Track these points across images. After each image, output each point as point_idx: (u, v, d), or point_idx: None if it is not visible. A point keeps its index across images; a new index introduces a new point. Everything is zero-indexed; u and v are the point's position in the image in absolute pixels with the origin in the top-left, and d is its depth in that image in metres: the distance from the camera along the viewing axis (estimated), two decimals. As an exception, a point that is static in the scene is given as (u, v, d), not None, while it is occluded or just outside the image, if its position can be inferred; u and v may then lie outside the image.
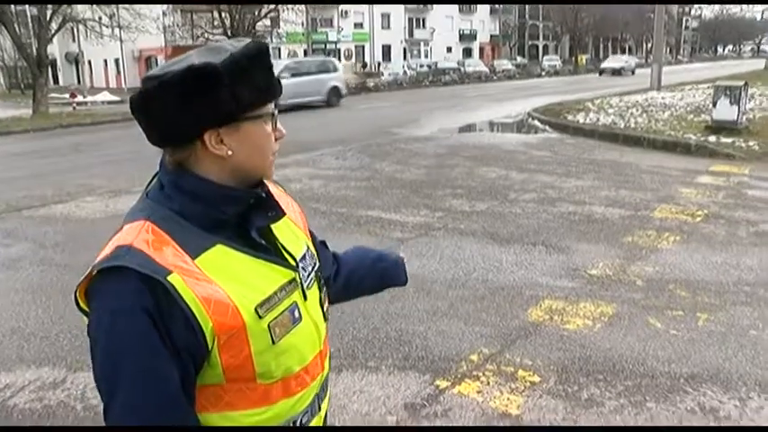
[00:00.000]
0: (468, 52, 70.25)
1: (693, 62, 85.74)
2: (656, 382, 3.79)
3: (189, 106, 1.14)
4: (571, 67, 62.49)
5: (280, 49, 48.48)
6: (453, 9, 69.52)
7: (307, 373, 1.32)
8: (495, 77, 48.29)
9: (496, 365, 4.01)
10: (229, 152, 1.19)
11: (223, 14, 29.58)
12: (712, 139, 12.27)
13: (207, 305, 1.12)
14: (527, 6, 79.93)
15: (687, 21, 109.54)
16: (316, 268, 1.42)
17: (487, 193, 8.92)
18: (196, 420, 1.19)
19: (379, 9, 60.91)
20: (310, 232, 1.52)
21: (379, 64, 56.01)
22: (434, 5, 65.82)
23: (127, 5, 27.42)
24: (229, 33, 29.58)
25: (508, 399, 3.63)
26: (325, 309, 1.44)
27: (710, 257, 6.01)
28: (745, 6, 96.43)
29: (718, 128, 12.73)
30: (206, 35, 32.79)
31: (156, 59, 45.50)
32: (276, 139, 1.27)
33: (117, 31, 27.69)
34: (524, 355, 4.13)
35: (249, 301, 1.18)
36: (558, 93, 27.31)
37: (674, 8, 78.66)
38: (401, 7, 62.79)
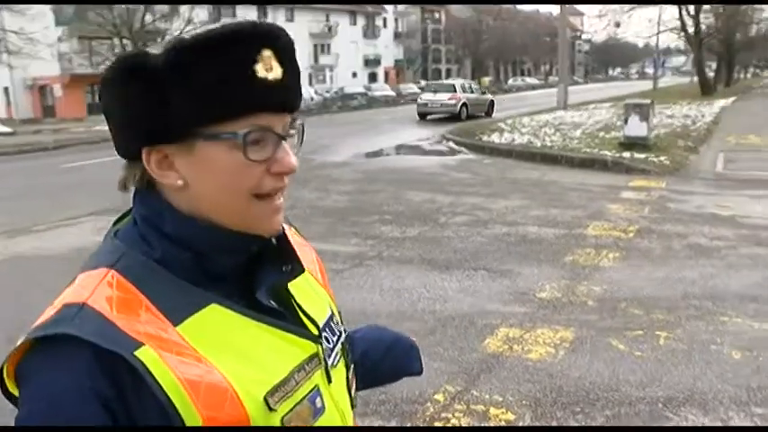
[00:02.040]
0: (373, 77, 70.77)
1: (588, 83, 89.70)
2: (635, 409, 3.59)
3: (117, 108, 0.86)
4: (475, 89, 63.91)
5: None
6: (357, 35, 70.04)
7: None
8: (402, 101, 48.68)
9: (465, 404, 3.72)
10: (179, 182, 0.84)
11: (124, 41, 28.46)
12: (626, 155, 12.57)
13: (193, 391, 0.77)
14: (429, 30, 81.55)
15: (579, 44, 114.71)
16: (342, 339, 1.04)
17: (416, 217, 8.69)
18: None
19: (283, 36, 60.64)
20: None
21: (285, 91, 55.65)
22: (338, 31, 66.15)
23: (16, 29, 25.97)
24: (131, 62, 28.54)
25: (486, 442, 3.34)
26: (353, 393, 1.07)
27: (653, 273, 5.97)
28: (629, 32, 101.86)
29: (631, 144, 13.07)
30: (107, 63, 31.53)
31: (52, 88, 43.39)
32: (272, 173, 0.86)
33: (5, 56, 26.13)
34: (492, 391, 3.86)
35: (256, 385, 0.83)
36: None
37: (568, 32, 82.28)
38: (306, 33, 62.68)
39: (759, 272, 5.96)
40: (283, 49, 0.85)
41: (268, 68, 0.83)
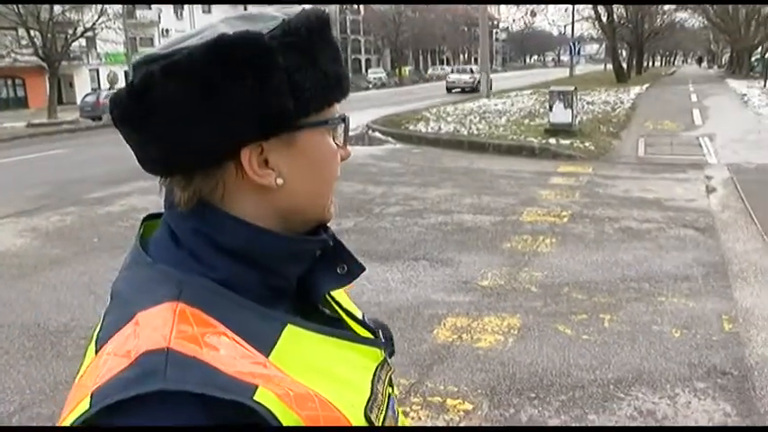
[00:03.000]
0: (293, 68, 70.15)
1: (507, 71, 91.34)
2: (588, 392, 3.65)
3: (217, 105, 0.69)
4: (396, 79, 64.20)
5: (98, 71, 45.64)
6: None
7: None
8: (324, 92, 48.43)
9: (421, 397, 3.69)
10: (279, 180, 0.74)
11: (32, 32, 27.06)
12: (552, 141, 12.83)
13: (315, 424, 0.67)
14: (348, 21, 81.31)
15: (497, 33, 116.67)
16: (386, 336, 0.97)
17: (350, 208, 8.60)
18: None
19: (200, 26, 59.25)
20: None
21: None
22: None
23: None
24: (40, 53, 27.17)
25: (446, 433, 3.33)
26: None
27: (590, 257, 6.09)
28: (551, 20, 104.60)
29: (556, 131, 13.36)
30: (13, 55, 29.93)
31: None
32: (343, 158, 0.82)
33: None
34: (447, 382, 3.85)
35: (356, 406, 0.74)
36: (390, 104, 27.68)
37: (486, 21, 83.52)
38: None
39: (688, 252, 6.17)
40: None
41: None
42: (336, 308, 0.88)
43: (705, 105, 22.06)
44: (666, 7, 51.19)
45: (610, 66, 46.81)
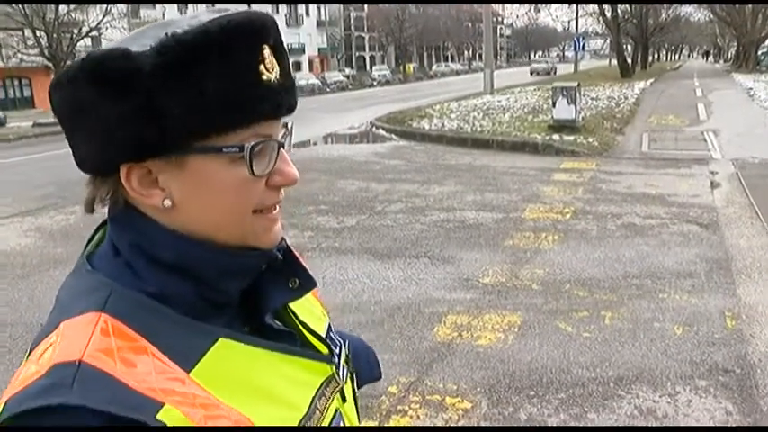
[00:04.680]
0: (297, 66, 70.02)
1: (512, 67, 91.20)
2: (588, 390, 3.63)
3: (84, 121, 0.70)
4: (401, 76, 64.11)
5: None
6: (280, 23, 68.83)
7: None
8: (328, 89, 48.37)
9: (420, 395, 3.68)
10: (166, 202, 0.71)
11: (38, 33, 27.13)
12: (556, 137, 12.78)
13: None
14: (352, 18, 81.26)
15: (501, 29, 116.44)
16: (345, 349, 0.94)
17: (353, 206, 8.60)
18: None
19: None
20: None
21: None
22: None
23: None
24: (46, 54, 27.22)
25: None
26: (358, 406, 0.98)
27: (592, 254, 6.06)
28: (555, 16, 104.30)
29: (559, 127, 13.31)
30: (19, 56, 29.99)
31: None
32: (272, 186, 0.76)
33: None
34: (446, 380, 3.83)
35: (285, 421, 0.73)
36: (394, 101, 27.69)
37: (490, 18, 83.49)
38: (227, 23, 61.66)
39: (691, 248, 6.13)
40: (279, 44, 0.76)
41: (270, 68, 0.73)
42: (294, 321, 0.85)
43: (710, 100, 21.94)
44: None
45: (615, 61, 46.61)
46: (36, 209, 9.05)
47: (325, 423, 0.79)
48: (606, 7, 38.68)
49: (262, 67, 0.71)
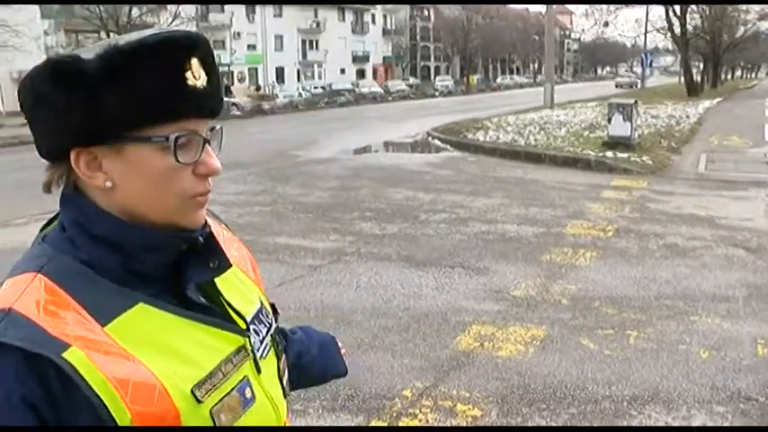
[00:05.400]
0: (361, 73, 70.69)
1: (577, 82, 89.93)
2: (599, 407, 3.62)
3: (41, 113, 0.87)
4: (463, 87, 64.00)
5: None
6: (346, 31, 69.92)
7: None
8: (390, 98, 48.65)
9: (433, 400, 3.73)
10: (107, 183, 0.87)
11: (111, 35, 28.28)
12: (610, 154, 12.61)
13: (122, 389, 0.79)
14: (418, 28, 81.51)
15: (568, 43, 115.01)
16: (272, 330, 1.08)
17: (397, 214, 8.69)
18: None
19: (272, 30, 60.38)
20: None
21: (273, 86, 55.46)
22: (327, 27, 66.00)
23: (0, 21, 25.75)
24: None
25: (451, 438, 3.36)
26: (284, 382, 1.09)
27: (629, 272, 6.00)
28: (619, 32, 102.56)
29: (614, 143, 13.12)
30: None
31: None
32: (198, 174, 0.90)
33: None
34: (460, 387, 3.88)
35: (183, 380, 0.85)
36: (454, 112, 27.69)
37: (557, 31, 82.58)
38: (294, 29, 62.52)
39: (733, 273, 6.00)
40: (208, 57, 0.90)
41: (196, 75, 0.87)
42: (219, 298, 0.98)
43: (779, 122, 21.27)
44: (749, 16, 49.40)
45: (684, 79, 45.55)
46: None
47: (228, 386, 0.91)
48: (675, 23, 37.81)
49: (188, 74, 0.86)
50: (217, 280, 0.99)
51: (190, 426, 0.85)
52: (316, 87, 51.81)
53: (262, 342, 1.02)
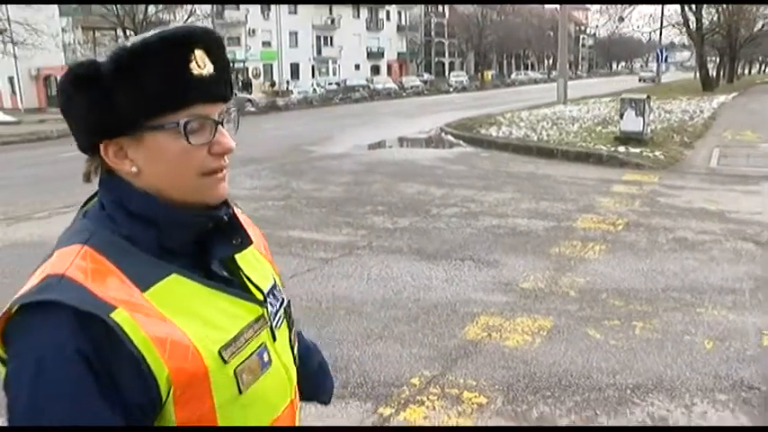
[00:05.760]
0: (376, 69, 70.77)
1: (592, 77, 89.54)
2: (603, 395, 3.70)
3: (71, 111, 0.99)
4: (478, 83, 63.88)
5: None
6: (361, 27, 70.02)
7: (278, 427, 1.09)
8: (404, 94, 48.73)
9: (440, 388, 3.83)
10: (133, 168, 0.99)
11: (128, 32, 28.53)
12: (621, 149, 12.63)
13: (161, 347, 0.90)
14: (433, 24, 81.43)
15: (583, 39, 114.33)
16: (285, 304, 1.19)
17: (409, 208, 8.78)
18: None
19: (286, 27, 60.60)
20: None
21: (287, 82, 55.64)
22: (341, 23, 66.08)
23: (20, 20, 26.08)
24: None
25: (457, 422, 3.45)
26: (295, 351, 1.20)
27: (637, 265, 6.06)
28: (634, 27, 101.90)
29: (626, 138, 13.14)
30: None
31: (56, 78, 43.38)
32: (213, 154, 1.01)
33: (10, 46, 26.23)
34: (467, 376, 3.97)
35: (212, 342, 0.96)
36: (467, 108, 27.73)
37: (572, 26, 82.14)
38: (309, 25, 62.70)
39: (741, 266, 6.04)
40: (213, 47, 1.00)
41: (201, 65, 0.97)
42: (239, 272, 1.10)
43: (795, 116, 21.14)
44: (768, 11, 48.95)
45: (699, 74, 45.22)
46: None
47: (249, 350, 1.02)
48: (690, 18, 37.56)
49: (192, 64, 0.96)
50: (237, 257, 1.11)
51: (227, 426, 0.98)
52: (330, 83, 51.95)
53: (276, 314, 1.13)
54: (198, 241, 1.04)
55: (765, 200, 8.99)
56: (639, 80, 64.96)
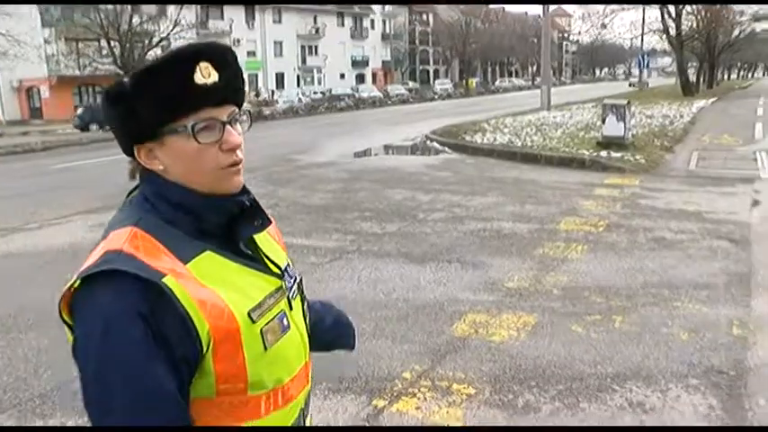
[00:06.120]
0: (361, 78, 71.05)
1: (575, 83, 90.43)
2: (585, 383, 3.92)
3: (111, 122, 1.21)
4: (462, 90, 64.33)
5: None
6: (345, 35, 70.32)
7: (294, 386, 1.30)
8: (389, 102, 49.00)
9: (431, 381, 4.03)
10: (161, 167, 1.19)
11: (112, 43, 28.60)
12: (604, 154, 12.93)
13: (203, 307, 1.10)
14: (417, 32, 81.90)
15: (567, 45, 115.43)
16: (298, 280, 1.40)
17: (396, 214, 8.99)
18: None
19: (271, 37, 60.75)
20: None
21: (272, 92, 55.79)
22: (326, 32, 66.36)
23: (2, 31, 26.08)
24: (119, 62, 28.64)
25: (447, 412, 3.66)
26: (307, 321, 1.42)
27: (617, 264, 6.31)
28: (616, 34, 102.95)
29: (608, 143, 13.44)
30: (94, 65, 31.56)
31: (39, 90, 43.33)
32: (224, 150, 1.19)
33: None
34: (456, 369, 4.18)
35: (242, 305, 1.16)
36: (452, 115, 28.00)
37: (555, 33, 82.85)
38: (293, 35, 62.89)
39: (716, 262, 6.31)
40: (219, 59, 1.20)
41: (205, 75, 1.17)
42: (259, 251, 1.31)
43: (771, 120, 21.59)
44: (744, 17, 49.76)
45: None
46: (100, 207, 9.74)
47: (272, 314, 1.23)
48: (670, 25, 38.16)
49: (197, 75, 1.15)
50: (257, 240, 1.31)
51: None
52: (315, 93, 52.12)
53: (291, 288, 1.34)
54: (227, 224, 1.24)
55: (740, 200, 9.28)
56: (630, 85, 65.94)
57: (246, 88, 1.45)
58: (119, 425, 1.05)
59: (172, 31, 30.08)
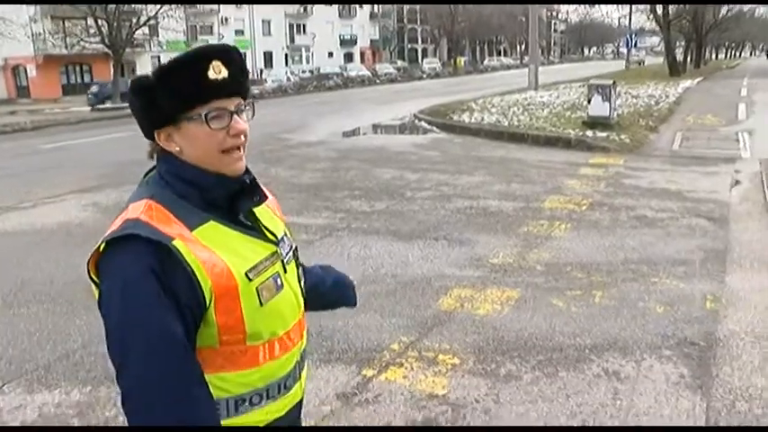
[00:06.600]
0: (349, 57, 70.82)
1: (564, 63, 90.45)
2: (564, 354, 4.12)
3: (136, 110, 1.42)
4: (451, 69, 64.26)
5: (159, 58, 47.23)
6: (333, 14, 69.98)
7: (289, 338, 1.52)
8: (377, 81, 48.93)
9: (417, 352, 4.23)
10: (177, 148, 1.40)
11: (99, 22, 28.39)
12: (589, 133, 13.13)
13: (206, 266, 1.32)
14: (405, 10, 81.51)
15: (555, 24, 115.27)
16: (293, 248, 1.61)
17: (385, 192, 9.16)
18: (203, 379, 1.35)
19: (259, 15, 60.40)
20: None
21: (261, 71, 55.56)
22: (314, 11, 65.96)
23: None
24: (106, 41, 28.47)
25: (433, 381, 3.85)
26: (302, 284, 1.62)
27: (599, 241, 6.51)
28: (605, 12, 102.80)
29: (594, 123, 13.64)
30: (82, 43, 31.32)
31: (26, 69, 42.99)
32: (231, 134, 1.40)
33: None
34: (442, 341, 4.37)
35: (240, 266, 1.38)
36: (441, 94, 28.07)
37: (544, 12, 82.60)
38: (282, 13, 62.55)
39: (694, 240, 6.52)
40: (227, 58, 1.40)
41: (217, 72, 1.38)
42: (258, 222, 1.51)
43: (753, 100, 21.81)
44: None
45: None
46: (94, 186, 9.87)
47: (267, 274, 1.44)
48: (657, 5, 38.25)
49: (210, 72, 1.37)
50: (257, 212, 1.52)
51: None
52: (304, 71, 52.01)
53: (286, 254, 1.55)
54: (230, 199, 1.44)
55: (721, 180, 9.50)
56: (625, 67, 65.69)
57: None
58: (137, 360, 1.27)
59: (160, 9, 29.90)
